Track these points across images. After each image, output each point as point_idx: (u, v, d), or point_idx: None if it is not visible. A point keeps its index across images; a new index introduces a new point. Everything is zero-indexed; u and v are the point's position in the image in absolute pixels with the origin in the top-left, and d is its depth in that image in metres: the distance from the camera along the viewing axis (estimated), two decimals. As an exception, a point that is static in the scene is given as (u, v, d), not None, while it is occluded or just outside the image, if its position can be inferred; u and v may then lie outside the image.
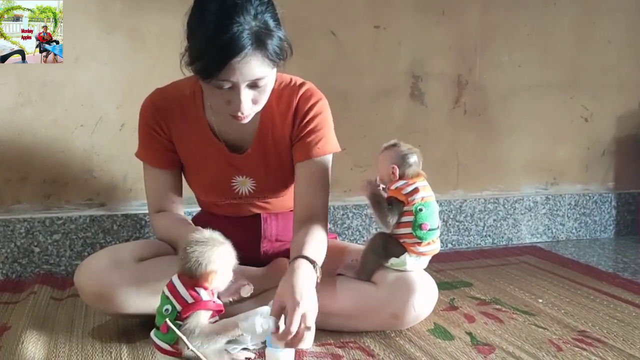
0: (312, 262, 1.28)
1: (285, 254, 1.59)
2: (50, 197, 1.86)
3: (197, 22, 1.27)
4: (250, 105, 1.29)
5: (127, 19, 1.86)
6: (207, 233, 1.16)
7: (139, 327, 1.44)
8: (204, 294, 1.14)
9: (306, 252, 1.30)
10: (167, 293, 1.16)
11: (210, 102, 1.40)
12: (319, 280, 1.28)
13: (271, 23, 1.26)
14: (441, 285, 1.49)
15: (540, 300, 1.69)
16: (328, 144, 1.45)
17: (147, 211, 1.90)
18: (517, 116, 2.38)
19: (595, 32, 2.44)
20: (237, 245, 1.35)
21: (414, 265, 1.42)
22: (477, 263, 2.09)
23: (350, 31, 2.11)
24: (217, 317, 1.18)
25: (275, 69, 1.30)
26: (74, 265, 1.87)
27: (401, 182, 1.42)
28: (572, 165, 2.49)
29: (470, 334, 1.44)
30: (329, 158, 1.47)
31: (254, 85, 1.27)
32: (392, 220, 1.41)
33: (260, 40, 1.22)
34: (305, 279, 1.23)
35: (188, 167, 1.52)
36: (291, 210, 1.57)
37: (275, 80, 1.37)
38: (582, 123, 2.48)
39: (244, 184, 1.50)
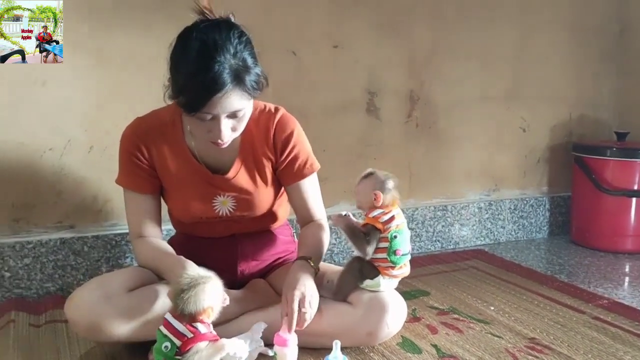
0: (307, 258, 1.52)
1: (262, 273, 1.70)
2: (19, 221, 1.86)
3: (180, 59, 1.36)
4: (229, 133, 1.41)
5: (94, 40, 1.87)
6: (192, 272, 1.25)
7: (125, 352, 1.50)
8: (202, 328, 1.23)
9: (302, 252, 1.55)
10: (165, 331, 1.23)
11: (191, 129, 1.50)
12: (317, 272, 1.51)
13: (249, 60, 1.37)
14: (402, 295, 1.60)
15: (492, 308, 1.86)
16: (312, 165, 1.63)
17: (117, 231, 1.98)
18: (463, 128, 2.54)
19: (532, 48, 2.63)
20: (214, 266, 1.44)
21: (387, 286, 1.54)
22: (430, 269, 2.24)
23: (309, 50, 2.20)
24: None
25: (252, 100, 1.42)
26: (44, 288, 1.89)
27: (378, 211, 1.53)
28: (511, 173, 2.70)
29: (435, 346, 1.59)
30: (315, 175, 1.65)
31: (233, 115, 1.38)
32: (371, 249, 1.52)
33: (239, 78, 1.34)
34: (299, 272, 1.46)
35: (169, 190, 1.59)
36: (267, 230, 1.69)
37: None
38: (520, 133, 2.68)
39: (224, 204, 1.58)
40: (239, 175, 1.56)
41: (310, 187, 1.64)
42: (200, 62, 1.32)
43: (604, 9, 2.74)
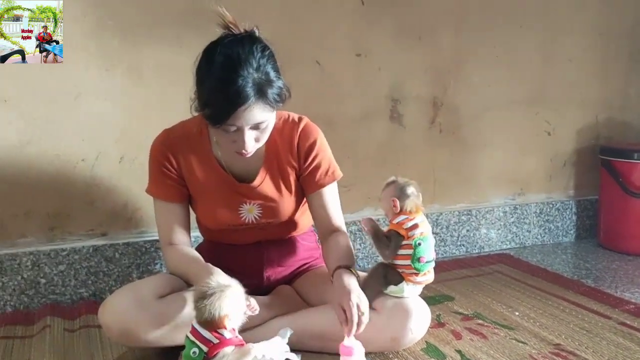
0: (347, 267, 1.52)
1: (288, 278, 1.73)
2: (54, 229, 1.93)
3: (205, 73, 1.41)
4: (253, 144, 1.45)
5: (124, 54, 1.93)
6: (212, 281, 1.29)
7: (155, 357, 1.55)
8: (227, 333, 1.27)
9: (341, 261, 1.54)
10: (192, 337, 1.27)
11: (217, 140, 1.55)
12: (359, 279, 1.51)
13: (272, 74, 1.41)
14: (427, 301, 1.62)
15: (517, 313, 1.87)
16: (334, 173, 1.66)
17: (146, 238, 2.04)
18: (487, 133, 2.55)
19: (558, 51, 2.62)
20: (240, 273, 1.50)
21: (411, 293, 1.56)
22: (454, 274, 2.26)
23: (333, 60, 2.23)
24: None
25: (275, 112, 1.46)
26: (78, 293, 1.96)
27: (402, 217, 1.55)
28: (536, 176, 2.69)
29: (459, 351, 1.60)
30: (336, 183, 1.68)
31: (256, 127, 1.43)
32: (390, 252, 1.55)
33: (262, 91, 1.38)
34: (348, 280, 1.47)
35: (197, 199, 1.63)
36: (292, 236, 1.73)
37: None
38: (546, 137, 2.67)
39: (251, 212, 1.62)
40: (264, 183, 1.61)
41: (331, 195, 1.66)
42: (224, 76, 1.36)
43: (630, 10, 2.72)
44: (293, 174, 1.63)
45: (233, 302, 1.27)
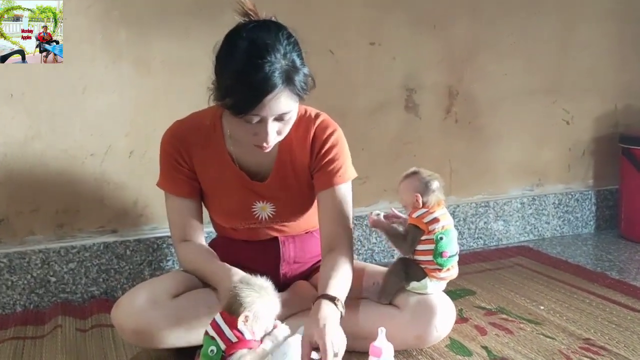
0: (334, 299, 1.36)
1: (304, 275, 1.67)
2: (63, 226, 1.88)
3: (228, 60, 1.32)
4: (274, 137, 1.37)
5: (131, 46, 1.87)
6: (254, 279, 1.23)
7: (170, 357, 1.50)
8: (247, 334, 1.21)
9: (329, 290, 1.38)
10: (212, 333, 1.21)
11: (234, 133, 1.46)
12: (343, 315, 1.36)
13: (298, 61, 1.33)
14: (448, 295, 1.58)
15: (542, 307, 1.80)
16: (347, 172, 1.54)
17: (158, 235, 1.99)
18: (504, 122, 2.48)
19: (575, 38, 2.55)
20: (256, 269, 1.42)
21: (434, 289, 1.50)
22: (474, 267, 2.19)
23: (347, 49, 2.17)
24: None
25: (298, 102, 1.37)
26: (89, 292, 1.91)
27: (422, 211, 1.49)
28: (555, 166, 2.62)
29: (485, 347, 1.55)
30: (348, 185, 1.55)
31: (280, 118, 1.34)
32: (408, 247, 1.50)
33: (289, 78, 1.30)
34: (326, 312, 1.32)
35: (209, 194, 1.57)
36: (307, 232, 1.66)
37: None
38: (564, 126, 2.60)
39: (264, 209, 1.55)
40: (277, 181, 1.53)
41: (341, 196, 1.52)
42: (250, 62, 1.27)
43: (649, -6, 2.65)
44: (307, 171, 1.55)
45: (265, 304, 1.22)
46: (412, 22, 2.25)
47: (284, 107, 1.32)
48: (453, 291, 1.93)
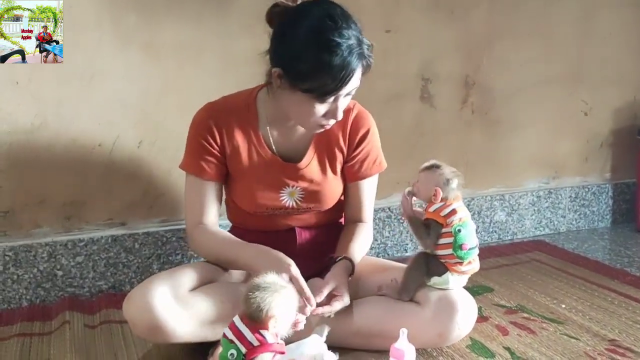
0: (350, 260, 1.49)
1: (319, 270, 1.61)
2: (70, 219, 1.82)
3: (303, 43, 1.30)
4: (342, 114, 1.38)
5: (141, 32, 1.80)
6: (270, 277, 1.17)
7: (182, 354, 1.46)
8: (269, 337, 1.15)
9: (348, 252, 1.51)
10: (231, 336, 1.16)
11: (295, 115, 1.42)
12: (352, 276, 1.48)
13: (364, 38, 1.34)
14: (466, 292, 1.54)
15: (563, 306, 1.75)
16: (380, 164, 1.60)
17: (168, 228, 1.93)
18: (521, 113, 2.41)
19: (596, 26, 2.48)
20: None
21: (455, 284, 1.45)
22: (490, 263, 2.13)
23: (362, 36, 2.09)
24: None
25: None
26: (97, 286, 1.85)
27: (439, 205, 1.44)
28: (572, 159, 2.56)
29: (508, 349, 1.49)
30: (377, 176, 1.62)
31: (349, 93, 1.36)
32: (431, 242, 1.44)
33: (363, 55, 1.33)
34: (344, 274, 1.45)
35: (237, 177, 1.53)
36: (326, 225, 1.62)
37: None
38: (582, 117, 2.54)
39: (292, 195, 1.53)
40: (311, 164, 1.52)
41: (370, 187, 1.61)
42: (329, 44, 1.27)
43: (671, -18, 2.57)
44: (340, 158, 1.55)
45: (285, 304, 1.16)
46: (429, 9, 2.18)
47: (356, 83, 1.34)
48: (470, 288, 1.86)
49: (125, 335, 1.56)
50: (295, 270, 1.35)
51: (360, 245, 1.57)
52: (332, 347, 1.37)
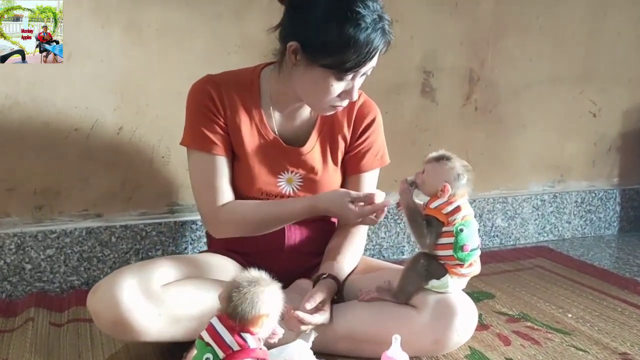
0: (337, 280, 1.37)
1: (308, 268, 1.50)
2: (42, 208, 1.69)
3: (326, 14, 1.23)
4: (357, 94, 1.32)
5: (123, 10, 1.69)
6: (255, 273, 1.04)
7: (153, 356, 1.33)
8: (251, 341, 1.02)
9: (336, 268, 1.40)
10: (207, 339, 1.03)
11: (307, 92, 1.33)
12: (336, 297, 1.37)
13: (385, 14, 1.27)
14: (465, 298, 1.42)
15: (570, 315, 1.63)
16: (382, 158, 1.52)
17: (147, 221, 1.80)
18: (528, 112, 2.30)
19: (606, 24, 2.36)
20: (257, 255, 1.38)
21: (455, 287, 1.33)
22: (491, 268, 2.01)
23: (361, 24, 1.98)
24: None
25: None
26: (68, 281, 1.73)
27: (441, 201, 1.31)
28: (578, 162, 2.44)
29: (510, 360, 1.37)
30: (379, 169, 1.54)
31: (364, 73, 1.30)
32: (431, 241, 1.32)
33: (385, 31, 1.26)
34: (327, 291, 1.33)
35: (235, 157, 1.42)
36: (318, 222, 1.50)
37: None
38: (590, 118, 2.42)
39: (290, 182, 1.44)
40: (313, 151, 1.44)
41: (371, 182, 1.52)
42: (353, 19, 1.20)
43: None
44: (342, 147, 1.47)
45: (275, 302, 1.03)
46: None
47: (375, 61, 1.29)
48: (470, 294, 1.72)
49: (93, 335, 1.44)
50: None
51: (352, 257, 1.46)
52: (318, 353, 1.25)
